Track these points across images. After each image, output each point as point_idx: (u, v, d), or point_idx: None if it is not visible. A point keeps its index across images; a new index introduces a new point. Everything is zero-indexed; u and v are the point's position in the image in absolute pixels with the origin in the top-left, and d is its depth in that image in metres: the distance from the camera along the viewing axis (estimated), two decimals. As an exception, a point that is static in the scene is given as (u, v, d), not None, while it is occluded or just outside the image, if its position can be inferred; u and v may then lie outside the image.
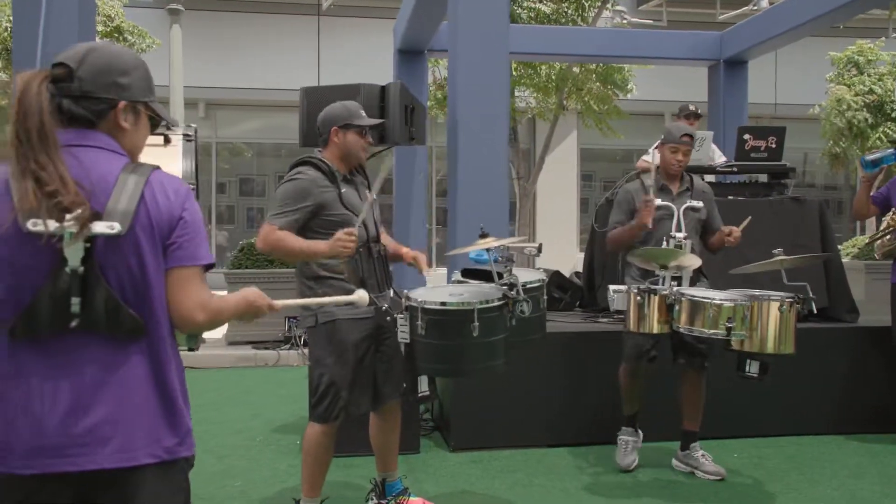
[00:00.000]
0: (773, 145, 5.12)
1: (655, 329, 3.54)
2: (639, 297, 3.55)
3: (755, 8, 14.71)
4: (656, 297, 3.51)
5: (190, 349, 2.23)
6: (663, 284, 3.63)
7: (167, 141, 2.18)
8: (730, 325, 3.26)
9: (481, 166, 4.50)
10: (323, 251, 2.90)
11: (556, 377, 4.44)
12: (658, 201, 3.83)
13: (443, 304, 2.83)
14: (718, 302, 3.33)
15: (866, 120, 13.57)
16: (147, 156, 2.10)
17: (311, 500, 3.16)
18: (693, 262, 3.55)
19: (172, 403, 1.52)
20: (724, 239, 3.88)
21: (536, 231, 15.26)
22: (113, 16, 9.65)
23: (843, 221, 17.35)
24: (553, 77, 9.98)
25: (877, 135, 13.51)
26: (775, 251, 3.64)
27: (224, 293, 1.89)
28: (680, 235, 3.79)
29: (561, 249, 14.76)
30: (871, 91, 13.67)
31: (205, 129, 15.55)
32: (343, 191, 3.06)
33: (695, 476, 3.88)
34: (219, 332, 7.60)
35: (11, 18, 6.11)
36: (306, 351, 7.27)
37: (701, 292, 3.48)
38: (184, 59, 10.16)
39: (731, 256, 4.31)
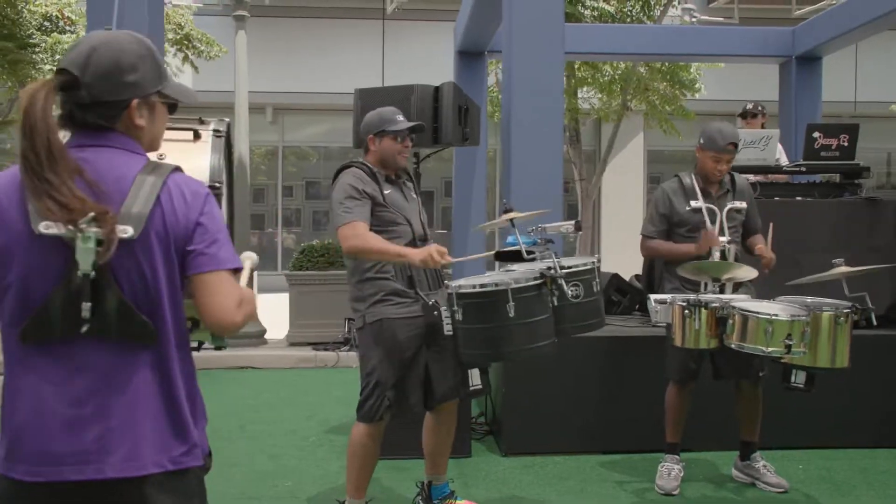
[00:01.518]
0: (846, 143, 4.88)
1: (703, 344, 3.31)
2: (686, 311, 3.31)
3: (833, 3, 14.17)
4: (705, 311, 3.28)
5: (218, 348, 2.25)
6: (705, 290, 3.49)
7: (197, 136, 2.17)
8: (789, 343, 3.04)
9: (535, 167, 4.45)
10: (409, 257, 2.92)
11: (612, 382, 4.34)
12: (699, 203, 3.69)
13: (476, 286, 2.82)
14: (777, 317, 3.07)
15: (954, 117, 12.89)
16: (175, 152, 2.14)
17: (356, 501, 3.16)
18: (748, 274, 3.38)
19: (179, 412, 1.48)
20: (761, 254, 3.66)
21: (601, 233, 15.02)
22: (183, 24, 9.96)
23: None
24: (617, 77, 9.79)
25: (966, 133, 12.81)
26: (835, 261, 3.42)
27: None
28: (724, 240, 3.63)
29: (626, 252, 14.46)
30: (959, 87, 12.98)
31: (272, 134, 15.92)
32: (387, 191, 3.11)
33: (755, 487, 3.72)
34: (280, 333, 7.74)
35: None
36: (364, 352, 7.36)
37: (754, 305, 3.24)
38: (250, 64, 10.38)
39: (791, 258, 4.13)
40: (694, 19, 13.03)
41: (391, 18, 14.50)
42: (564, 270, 2.89)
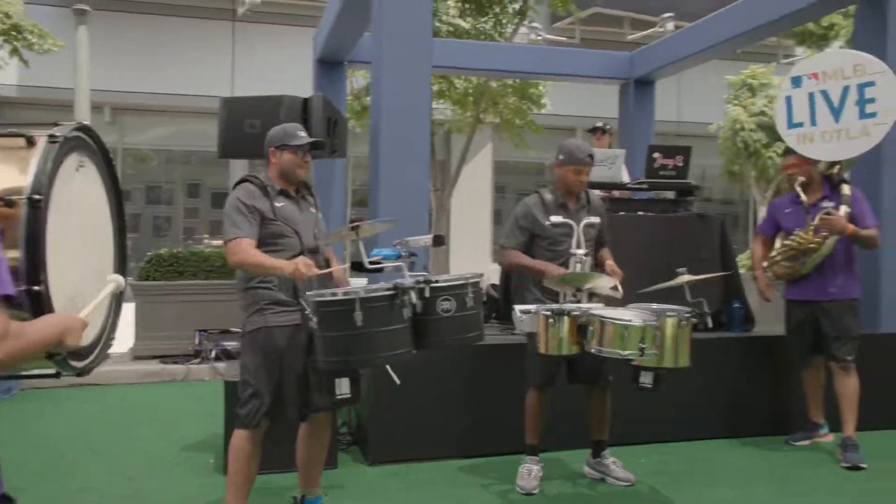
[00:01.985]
0: (680, 164, 5.37)
1: (565, 350, 3.53)
2: (551, 319, 3.53)
3: (661, 30, 15.43)
4: (568, 319, 3.52)
5: (78, 375, 2.15)
6: (564, 301, 3.74)
7: (31, 143, 1.98)
8: (643, 346, 3.33)
9: (403, 177, 4.54)
10: (282, 269, 3.03)
11: (474, 389, 4.51)
12: (559, 218, 3.94)
13: (328, 295, 2.92)
14: (632, 323, 3.36)
15: (761, 140, 14.39)
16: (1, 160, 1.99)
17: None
18: (607, 283, 3.65)
19: None
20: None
21: (451, 242, 15.40)
22: (11, 13, 9.18)
23: (738, 234, 18.23)
24: (470, 91, 10.13)
25: (769, 154, 14.35)
26: (679, 270, 3.80)
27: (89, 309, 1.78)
28: (580, 252, 3.90)
29: (475, 261, 14.93)
30: (763, 112, 14.51)
31: (110, 135, 14.97)
32: (278, 204, 3.20)
33: (605, 482, 4.01)
34: (124, 346, 7.32)
35: None
36: (217, 365, 7.13)
37: (611, 312, 3.51)
38: (90, 61, 9.78)
39: (639, 269, 4.49)
40: (539, 37, 13.72)
41: (242, 20, 14.12)
42: (433, 284, 3.00)
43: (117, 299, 2.29)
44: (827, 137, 4.61)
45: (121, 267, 2.42)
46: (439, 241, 3.56)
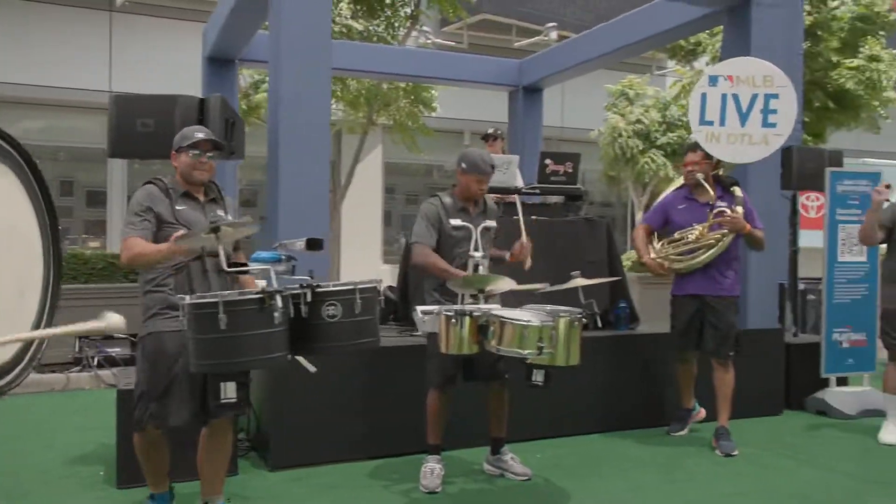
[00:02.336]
0: (570, 170, 5.62)
1: (466, 350, 3.63)
2: (453, 320, 3.61)
3: (546, 38, 15.98)
4: (469, 319, 3.61)
5: None
6: (463, 302, 3.85)
7: None
8: (541, 345, 3.49)
9: (304, 180, 4.51)
10: (161, 250, 3.05)
11: (373, 390, 4.55)
12: (459, 222, 4.06)
13: (196, 297, 2.90)
14: (532, 324, 3.50)
15: (637, 146, 15.18)
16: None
17: (158, 494, 3.39)
18: (508, 285, 3.79)
19: None
20: (514, 253, 4.14)
21: (341, 243, 15.32)
22: None
23: (616, 236, 19.08)
24: (363, 92, 10.14)
25: (644, 159, 15.15)
26: (573, 273, 4.00)
27: None
28: (478, 255, 4.03)
29: (366, 262, 14.93)
30: (639, 121, 15.32)
31: (-29, 127, 13.88)
32: (179, 208, 3.21)
33: (504, 478, 4.16)
34: (-4, 355, 6.85)
35: None
36: (101, 373, 6.80)
37: (511, 313, 3.65)
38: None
39: (533, 270, 4.67)
40: (429, 41, 13.90)
41: (120, 11, 13.47)
42: (317, 289, 3.02)
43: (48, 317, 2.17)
44: (732, 140, 4.94)
45: (53, 284, 2.27)
46: (313, 244, 3.54)
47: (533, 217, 5.58)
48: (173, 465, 3.46)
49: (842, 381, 5.93)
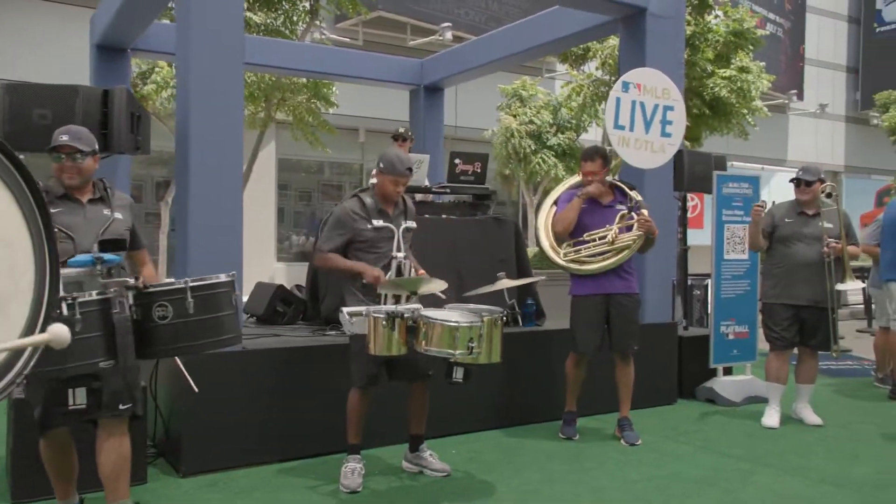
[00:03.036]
0: (479, 169, 5.74)
1: (395, 350, 3.65)
2: (384, 322, 3.62)
3: (441, 38, 16.12)
4: (399, 321, 3.64)
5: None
6: (384, 302, 3.87)
7: None
8: (472, 345, 3.56)
9: (217, 178, 4.36)
10: None
11: (286, 392, 4.48)
12: (381, 222, 4.08)
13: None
14: (461, 325, 3.57)
15: (530, 146, 15.60)
16: None
17: (65, 501, 3.26)
18: (440, 286, 3.84)
19: None
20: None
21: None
22: None
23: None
24: (261, 86, 9.89)
25: (537, 159, 15.60)
26: (500, 274, 4.12)
27: None
28: (400, 255, 4.06)
29: (259, 259, 14.58)
30: (532, 121, 15.75)
31: None
32: (54, 210, 3.01)
33: (423, 475, 4.21)
34: None
35: None
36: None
37: (439, 313, 3.71)
38: None
39: (447, 269, 4.75)
40: (324, 36, 13.71)
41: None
42: (139, 290, 2.97)
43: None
44: (638, 146, 5.17)
45: (48, 289, 2.06)
46: (108, 245, 3.29)
47: (444, 216, 5.68)
48: (83, 476, 3.30)
49: (727, 371, 6.36)
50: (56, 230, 2.86)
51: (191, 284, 3.03)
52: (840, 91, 27.52)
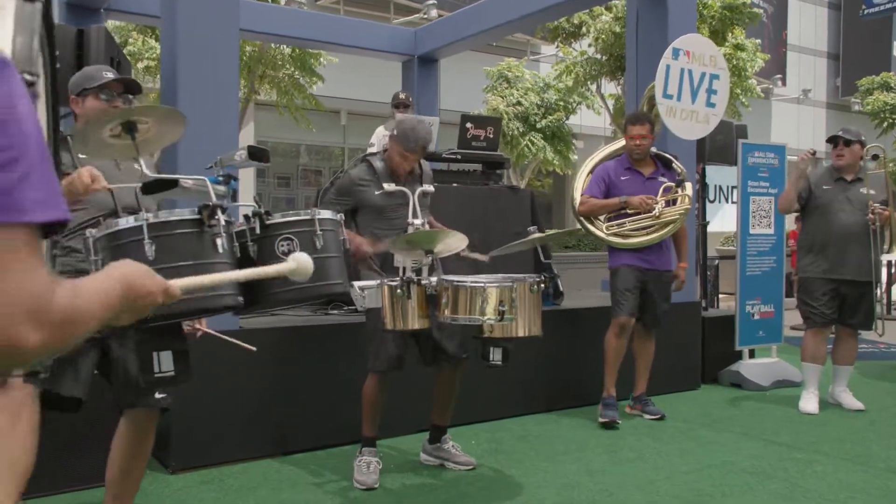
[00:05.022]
0: (491, 135, 5.26)
1: (413, 324, 3.21)
2: (399, 290, 3.17)
3: (425, 16, 15.58)
4: (417, 288, 3.19)
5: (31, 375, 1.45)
6: (405, 274, 3.39)
7: None
8: (502, 309, 3.11)
9: (209, 157, 3.81)
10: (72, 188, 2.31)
11: (284, 379, 3.99)
12: (392, 186, 3.61)
13: (111, 225, 2.17)
14: (490, 285, 3.12)
15: (518, 129, 15.17)
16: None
17: None
18: (462, 241, 3.34)
19: None
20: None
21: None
22: None
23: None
24: (244, 58, 9.30)
25: (525, 142, 15.18)
26: (530, 228, 3.67)
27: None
28: (417, 222, 3.58)
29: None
30: (519, 103, 15.31)
31: None
32: (82, 156, 2.51)
33: (445, 468, 3.75)
34: None
35: None
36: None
37: (465, 279, 3.25)
38: None
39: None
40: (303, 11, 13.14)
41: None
42: (268, 220, 2.39)
43: None
44: (683, 116, 4.79)
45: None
46: (257, 154, 2.80)
47: (453, 184, 5.21)
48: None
49: (750, 354, 5.97)
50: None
51: (319, 216, 2.46)
52: (821, 77, 27.47)
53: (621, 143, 4.89)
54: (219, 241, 2.18)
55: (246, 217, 2.40)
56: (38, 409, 2.21)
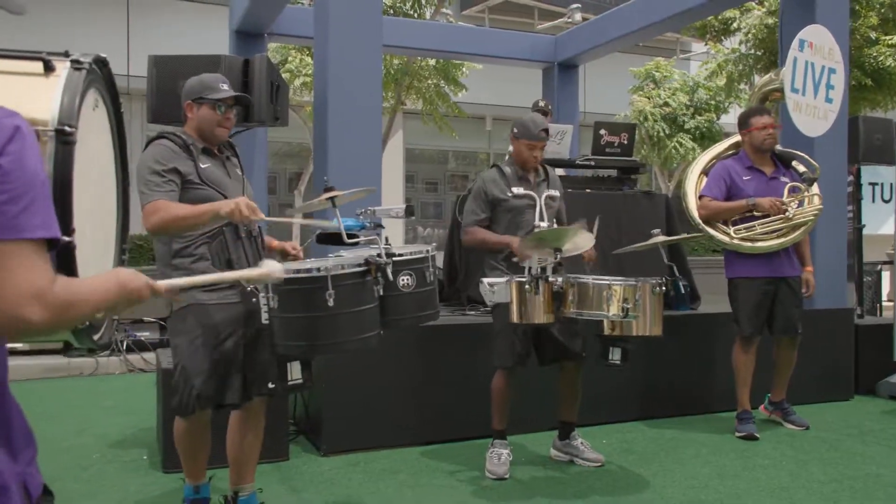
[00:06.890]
0: (625, 141, 5.31)
1: (539, 318, 3.36)
2: (527, 286, 3.34)
3: (569, 21, 15.61)
4: (545, 285, 3.36)
5: (90, 351, 1.84)
6: (531, 274, 3.55)
7: (49, 68, 1.65)
8: (627, 306, 3.23)
9: (355, 164, 4.20)
10: (215, 210, 2.61)
11: (427, 372, 4.27)
12: (521, 190, 3.79)
13: (293, 271, 2.57)
14: (616, 282, 3.27)
15: (664, 130, 14.82)
16: (13, 87, 1.66)
17: (195, 483, 3.03)
18: (587, 240, 3.47)
19: None
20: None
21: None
22: None
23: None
24: (391, 72, 9.82)
25: (672, 144, 14.80)
26: (654, 231, 3.75)
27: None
28: (544, 225, 3.74)
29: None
30: (666, 104, 14.95)
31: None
32: (203, 165, 2.81)
33: (574, 464, 3.88)
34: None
35: None
36: (130, 357, 6.56)
37: (590, 277, 3.41)
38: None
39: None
40: (450, 23, 13.58)
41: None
42: (395, 258, 2.76)
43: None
44: (808, 112, 4.64)
45: (121, 240, 2.04)
46: (411, 211, 3.29)
47: (587, 190, 5.30)
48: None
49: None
50: (208, 187, 2.78)
51: (430, 254, 2.89)
52: None
53: (730, 141, 4.74)
54: (376, 289, 2.68)
55: (379, 256, 2.73)
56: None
